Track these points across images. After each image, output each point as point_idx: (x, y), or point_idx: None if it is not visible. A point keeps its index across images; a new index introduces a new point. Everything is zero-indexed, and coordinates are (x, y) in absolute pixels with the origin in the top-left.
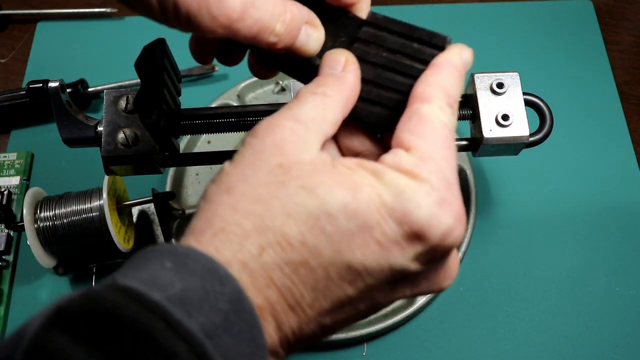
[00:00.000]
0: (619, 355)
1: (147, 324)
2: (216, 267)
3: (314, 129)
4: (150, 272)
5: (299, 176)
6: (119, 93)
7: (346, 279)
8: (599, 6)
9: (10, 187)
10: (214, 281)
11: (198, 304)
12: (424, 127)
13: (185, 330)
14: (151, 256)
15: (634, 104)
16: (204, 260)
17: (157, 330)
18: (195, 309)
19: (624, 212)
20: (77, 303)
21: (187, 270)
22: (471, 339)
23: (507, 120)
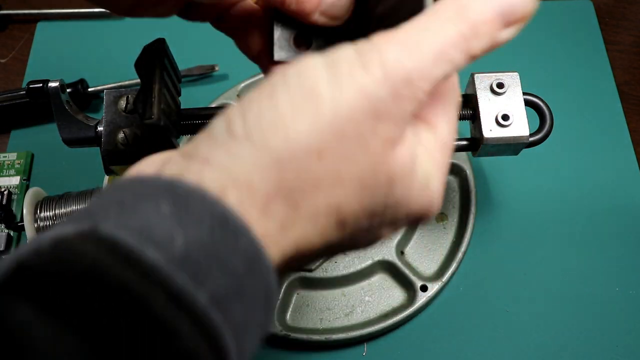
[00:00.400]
0: (619, 355)
1: (140, 294)
2: (227, 215)
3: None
4: (142, 217)
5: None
6: (119, 93)
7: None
8: (599, 6)
9: (10, 187)
10: (226, 233)
11: (206, 266)
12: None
13: (190, 304)
14: (143, 193)
15: (634, 104)
16: (213, 204)
17: (154, 304)
18: (203, 273)
19: (624, 212)
20: (46, 259)
21: (191, 217)
22: (471, 339)
23: (507, 120)
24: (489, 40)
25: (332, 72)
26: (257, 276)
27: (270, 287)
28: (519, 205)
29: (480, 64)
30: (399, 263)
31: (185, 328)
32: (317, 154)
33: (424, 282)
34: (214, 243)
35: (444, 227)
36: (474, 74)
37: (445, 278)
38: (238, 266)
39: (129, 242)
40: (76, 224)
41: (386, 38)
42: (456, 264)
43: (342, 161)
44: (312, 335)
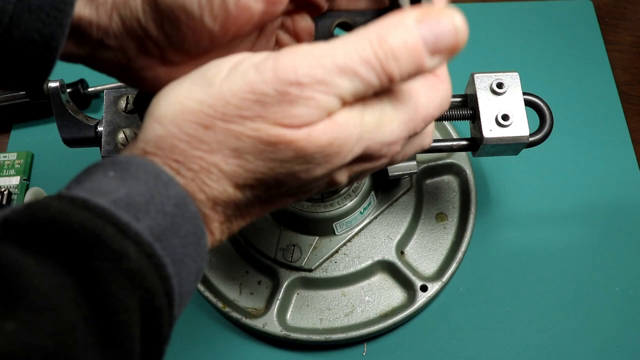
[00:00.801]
0: (619, 355)
1: (95, 228)
2: (159, 172)
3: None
4: (94, 182)
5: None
6: (119, 93)
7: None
8: (599, 6)
9: (10, 187)
10: (159, 185)
11: (145, 208)
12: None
13: (134, 233)
14: (93, 169)
15: (634, 104)
16: (147, 166)
17: (106, 234)
18: (142, 213)
19: (624, 212)
20: (23, 213)
21: (131, 176)
22: (471, 339)
23: (507, 120)
24: (410, 65)
25: (232, 70)
26: (186, 216)
27: (200, 226)
28: (519, 205)
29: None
30: (399, 263)
31: (132, 250)
32: (203, 125)
33: (424, 282)
34: (150, 192)
35: (444, 227)
36: (474, 74)
37: (445, 278)
38: (170, 208)
39: (84, 195)
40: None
41: (295, 49)
42: (456, 264)
43: (225, 133)
44: (312, 335)
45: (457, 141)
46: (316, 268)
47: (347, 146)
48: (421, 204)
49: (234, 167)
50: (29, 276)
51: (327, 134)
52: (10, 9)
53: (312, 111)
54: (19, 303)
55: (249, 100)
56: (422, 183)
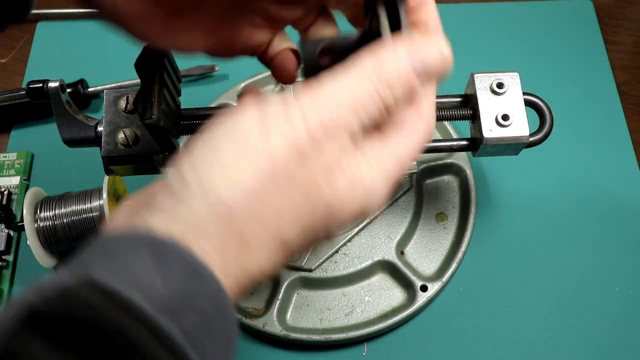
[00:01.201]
0: (619, 355)
1: (129, 333)
2: (196, 265)
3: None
4: (126, 265)
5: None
6: (119, 93)
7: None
8: (599, 6)
9: (10, 187)
10: (197, 281)
11: (180, 306)
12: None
13: (169, 339)
14: (125, 244)
15: (634, 104)
16: (185, 255)
17: (140, 340)
18: (177, 312)
19: (624, 212)
20: (52, 304)
21: (167, 266)
22: (471, 339)
23: (507, 120)
24: (403, 92)
25: (262, 123)
26: (223, 317)
27: (234, 327)
28: (519, 205)
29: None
30: (399, 263)
31: (165, 358)
32: (258, 198)
33: (424, 282)
34: (185, 286)
35: (444, 227)
36: (474, 74)
37: (445, 278)
38: (205, 305)
39: (118, 288)
40: (74, 272)
41: (309, 92)
42: (456, 264)
43: (280, 199)
44: (312, 335)
45: (457, 141)
46: (316, 268)
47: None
48: (421, 204)
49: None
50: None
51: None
52: None
53: (341, 157)
54: None
55: (294, 161)
56: (422, 183)
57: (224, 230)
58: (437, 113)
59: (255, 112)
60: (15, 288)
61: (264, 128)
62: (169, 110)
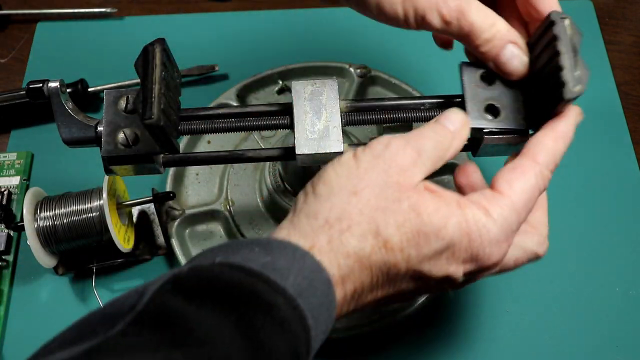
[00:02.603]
0: (619, 355)
1: (250, 284)
2: (296, 248)
3: (427, 164)
4: (242, 255)
5: (409, 197)
6: (119, 93)
7: (413, 278)
8: (599, 6)
9: (10, 187)
10: (297, 257)
11: (287, 271)
12: (519, 184)
13: (282, 289)
14: (239, 246)
15: (634, 104)
16: (288, 245)
17: (259, 289)
18: (285, 275)
19: (624, 212)
20: (189, 274)
21: (273, 251)
22: (471, 339)
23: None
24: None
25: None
26: (320, 281)
27: (332, 293)
28: None
29: None
30: None
31: (281, 302)
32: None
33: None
34: (289, 261)
35: None
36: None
37: None
38: (307, 273)
39: (238, 261)
40: (202, 262)
41: (499, 200)
42: None
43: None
44: None
45: None
46: None
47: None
48: None
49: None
50: (192, 319)
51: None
52: None
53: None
54: (183, 339)
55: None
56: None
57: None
58: (437, 113)
59: (478, 213)
60: (15, 288)
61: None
62: (169, 110)
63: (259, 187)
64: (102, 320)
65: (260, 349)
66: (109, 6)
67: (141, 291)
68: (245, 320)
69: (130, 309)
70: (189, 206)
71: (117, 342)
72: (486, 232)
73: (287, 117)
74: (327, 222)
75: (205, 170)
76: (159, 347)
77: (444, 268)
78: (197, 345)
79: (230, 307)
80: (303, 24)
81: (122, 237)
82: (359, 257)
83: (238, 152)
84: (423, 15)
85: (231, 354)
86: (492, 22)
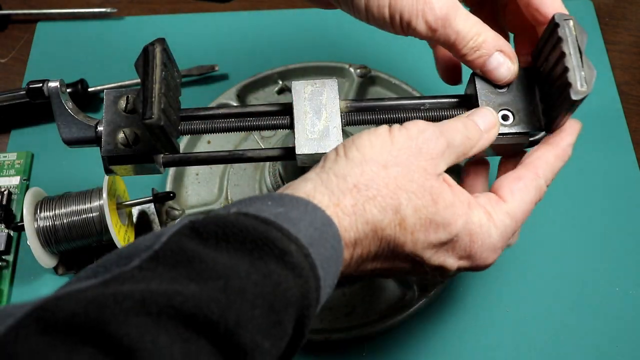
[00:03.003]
0: (619, 355)
1: (265, 231)
2: (307, 202)
3: (452, 157)
4: (256, 206)
5: (432, 186)
6: (119, 93)
7: (412, 260)
8: (599, 6)
9: (10, 187)
10: (309, 209)
11: (299, 222)
12: (521, 195)
13: (294, 237)
14: (252, 200)
15: (634, 104)
16: (300, 199)
17: (273, 236)
18: (298, 225)
19: (624, 212)
20: (205, 220)
21: (286, 204)
22: (471, 339)
23: (507, 121)
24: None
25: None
26: (330, 233)
27: (340, 246)
28: None
29: None
30: None
31: (294, 249)
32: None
33: (424, 282)
34: (302, 213)
35: None
36: (474, 74)
37: None
38: (319, 225)
39: (253, 211)
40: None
41: (504, 206)
42: None
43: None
44: (312, 335)
45: None
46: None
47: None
48: None
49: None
50: (208, 258)
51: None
52: None
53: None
54: (199, 274)
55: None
56: None
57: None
58: (437, 113)
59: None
60: (15, 288)
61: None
62: (169, 110)
63: (259, 187)
64: (118, 259)
65: (276, 286)
66: (109, 6)
67: (158, 234)
68: (260, 261)
69: (147, 248)
70: (189, 206)
71: (133, 275)
72: (487, 237)
73: (287, 117)
74: (356, 187)
75: (205, 170)
76: (175, 279)
77: (441, 258)
78: (212, 278)
79: (245, 250)
80: (303, 24)
81: (122, 237)
82: (375, 227)
83: (238, 152)
84: (409, 21)
85: (246, 287)
86: (478, 31)
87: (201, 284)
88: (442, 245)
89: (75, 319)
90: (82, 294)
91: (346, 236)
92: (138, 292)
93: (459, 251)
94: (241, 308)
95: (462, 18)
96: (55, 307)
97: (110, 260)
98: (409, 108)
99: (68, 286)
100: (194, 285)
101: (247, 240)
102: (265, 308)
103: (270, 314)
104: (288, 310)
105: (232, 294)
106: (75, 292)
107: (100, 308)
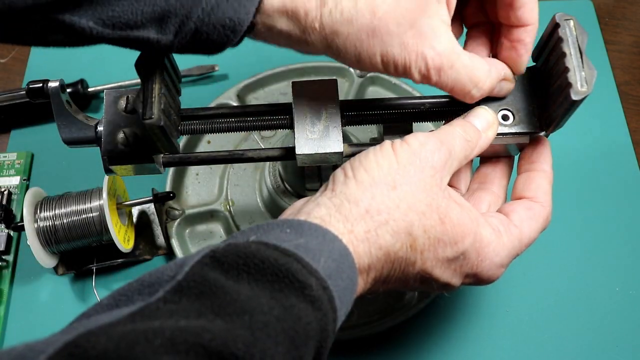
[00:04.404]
0: (619, 355)
1: (286, 263)
2: (326, 232)
3: (454, 164)
4: (274, 234)
5: (439, 205)
6: (119, 93)
7: (422, 278)
8: (599, 6)
9: (10, 187)
10: (327, 239)
11: (318, 254)
12: (532, 223)
13: (315, 270)
14: (271, 226)
15: (634, 104)
16: (318, 228)
17: (293, 269)
18: (317, 257)
19: (624, 212)
20: (227, 250)
21: (305, 233)
22: (471, 339)
23: (507, 121)
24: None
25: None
26: (347, 265)
27: (355, 277)
28: None
29: None
30: None
31: (314, 282)
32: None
33: None
34: (320, 243)
35: None
36: None
37: None
38: (336, 257)
39: (272, 241)
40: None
41: (514, 230)
42: None
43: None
44: None
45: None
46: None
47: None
48: None
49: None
50: (231, 291)
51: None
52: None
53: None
54: (224, 308)
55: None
56: None
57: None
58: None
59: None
60: (15, 288)
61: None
62: (169, 110)
63: (259, 187)
64: (140, 288)
65: (297, 320)
66: None
67: (180, 263)
68: (281, 294)
69: (170, 278)
70: (189, 206)
71: (158, 307)
72: (495, 255)
73: (287, 117)
74: (368, 212)
75: (205, 170)
76: (201, 314)
77: (449, 274)
78: (237, 313)
79: (267, 282)
80: None
81: (122, 237)
82: (388, 251)
83: (238, 152)
84: (404, 71)
85: (269, 322)
86: (474, 79)
87: (227, 319)
88: (450, 262)
89: (107, 355)
90: (112, 330)
91: (360, 262)
92: (168, 330)
93: (466, 268)
94: (265, 344)
95: (458, 65)
96: (87, 342)
97: (132, 289)
98: (408, 108)
99: (94, 317)
100: (219, 321)
101: (268, 272)
102: (288, 343)
103: (292, 349)
104: (308, 344)
105: (257, 330)
106: (106, 327)
107: (132, 346)
